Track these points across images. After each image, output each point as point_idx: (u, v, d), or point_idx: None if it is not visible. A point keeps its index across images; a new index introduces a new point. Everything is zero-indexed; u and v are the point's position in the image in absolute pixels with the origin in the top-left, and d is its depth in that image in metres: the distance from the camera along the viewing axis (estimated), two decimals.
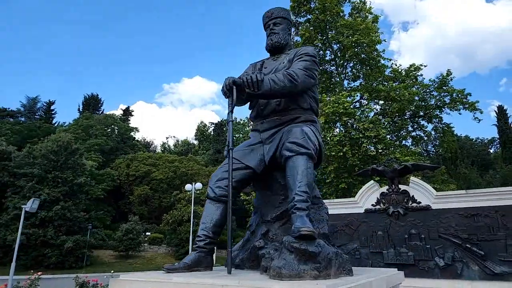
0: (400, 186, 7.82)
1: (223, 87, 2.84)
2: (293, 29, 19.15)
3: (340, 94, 15.28)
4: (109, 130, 38.70)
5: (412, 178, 7.80)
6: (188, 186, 19.28)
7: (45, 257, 20.17)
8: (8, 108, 41.19)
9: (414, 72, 18.53)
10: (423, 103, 17.43)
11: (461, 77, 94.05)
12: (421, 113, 18.01)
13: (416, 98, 17.33)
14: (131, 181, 33.11)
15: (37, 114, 43.29)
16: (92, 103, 43.36)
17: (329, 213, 8.00)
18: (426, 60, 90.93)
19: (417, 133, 18.65)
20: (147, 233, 30.07)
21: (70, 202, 21.16)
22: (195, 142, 57.92)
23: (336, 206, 8.52)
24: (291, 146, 2.58)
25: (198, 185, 19.12)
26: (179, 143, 59.06)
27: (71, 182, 21.73)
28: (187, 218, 24.93)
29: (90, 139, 33.74)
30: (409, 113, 18.13)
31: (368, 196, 8.20)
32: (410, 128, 18.79)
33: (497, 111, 36.65)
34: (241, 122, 46.33)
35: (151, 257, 25.78)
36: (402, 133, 18.62)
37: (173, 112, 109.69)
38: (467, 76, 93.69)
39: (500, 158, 32.68)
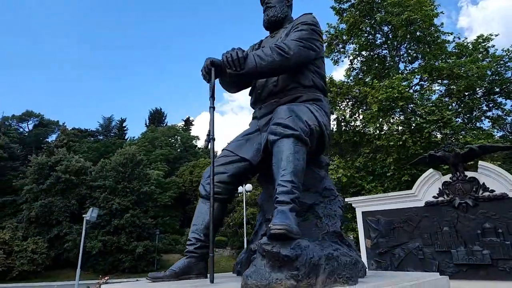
0: (466, 173, 6.68)
1: (201, 69, 2.54)
2: (336, 17, 18.12)
3: (394, 77, 13.90)
4: (173, 140, 41.08)
5: (480, 162, 6.60)
6: (239, 188, 19.30)
7: (120, 262, 22.06)
8: (89, 129, 46.40)
9: (483, 44, 16.17)
10: (498, 77, 15.06)
11: None
12: (497, 89, 15.59)
13: (489, 72, 15.06)
14: (195, 187, 34.48)
15: (112, 131, 48.07)
16: (156, 117, 46.53)
17: (384, 208, 7.21)
18: (503, 33, 79.67)
19: (494, 113, 16.19)
20: None
21: (138, 209, 22.85)
22: None
23: (391, 201, 7.61)
24: (275, 128, 2.17)
25: (249, 186, 18.87)
26: None
27: (138, 191, 23.49)
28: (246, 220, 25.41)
29: (156, 150, 36.15)
30: (481, 90, 15.83)
31: (428, 187, 7.16)
32: (484, 108, 16.41)
33: None
34: None
35: (216, 260, 26.46)
36: (475, 114, 16.34)
37: (234, 119, 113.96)
38: None
39: None
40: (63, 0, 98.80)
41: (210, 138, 2.37)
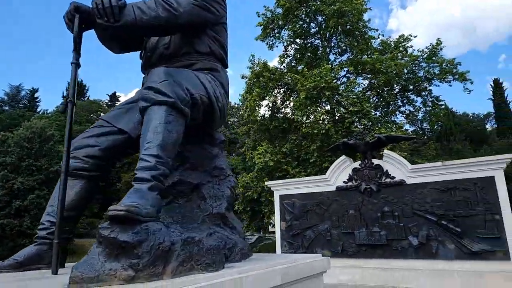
0: (373, 160, 7.13)
1: (64, 16, 2.10)
2: (274, 0, 18.03)
3: (323, 67, 14.38)
4: (95, 116, 37.68)
5: (385, 151, 7.10)
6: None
7: (22, 247, 19.36)
8: None
9: (403, 44, 17.58)
10: (412, 76, 16.55)
11: (461, 54, 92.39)
12: (411, 87, 17.15)
13: (405, 71, 16.44)
14: (119, 168, 32.37)
15: (21, 102, 42.06)
16: (77, 89, 41.91)
17: (299, 192, 7.33)
18: (427, 37, 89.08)
19: (407, 108, 17.88)
20: None
21: (47, 190, 20.48)
22: None
23: (306, 185, 7.86)
24: (146, 93, 1.86)
25: None
26: None
27: (47, 170, 21.00)
28: None
29: (74, 126, 32.64)
30: (398, 87, 17.26)
31: (340, 172, 7.52)
32: (399, 103, 17.99)
33: (492, 84, 35.69)
34: (235, 105, 44.82)
35: None
36: (391, 109, 17.83)
37: None
38: (466, 53, 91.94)
39: (494, 132, 32.02)
40: None
41: (68, 101, 1.97)
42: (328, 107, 15.96)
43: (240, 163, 26.65)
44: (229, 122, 44.81)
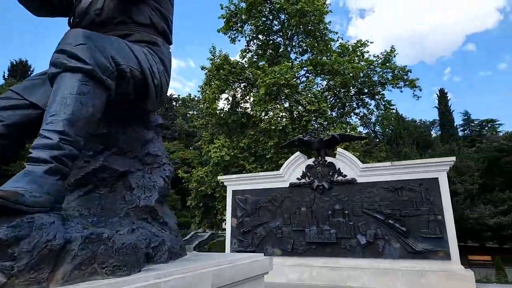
0: (327, 158, 7.14)
1: None
2: None
3: (283, 64, 14.36)
4: None
5: (338, 149, 7.14)
6: None
7: None
8: None
9: (360, 48, 18.14)
10: (367, 80, 17.16)
11: (412, 65, 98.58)
12: (365, 90, 17.78)
13: (361, 74, 16.99)
14: None
15: None
16: (20, 70, 38.39)
17: (253, 188, 7.09)
18: (382, 48, 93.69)
19: (361, 110, 18.52)
20: None
21: None
22: None
23: (259, 180, 7.69)
24: (56, 57, 1.51)
25: None
26: None
27: None
28: None
29: None
30: (354, 89, 17.81)
31: (294, 168, 7.44)
32: (354, 105, 18.58)
33: (438, 94, 38.36)
34: (195, 97, 43.77)
35: None
36: (346, 110, 18.35)
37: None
38: (416, 64, 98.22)
39: (438, 138, 34.49)
40: None
41: None
42: (286, 105, 16.02)
43: (196, 157, 26.03)
44: (188, 115, 43.78)
